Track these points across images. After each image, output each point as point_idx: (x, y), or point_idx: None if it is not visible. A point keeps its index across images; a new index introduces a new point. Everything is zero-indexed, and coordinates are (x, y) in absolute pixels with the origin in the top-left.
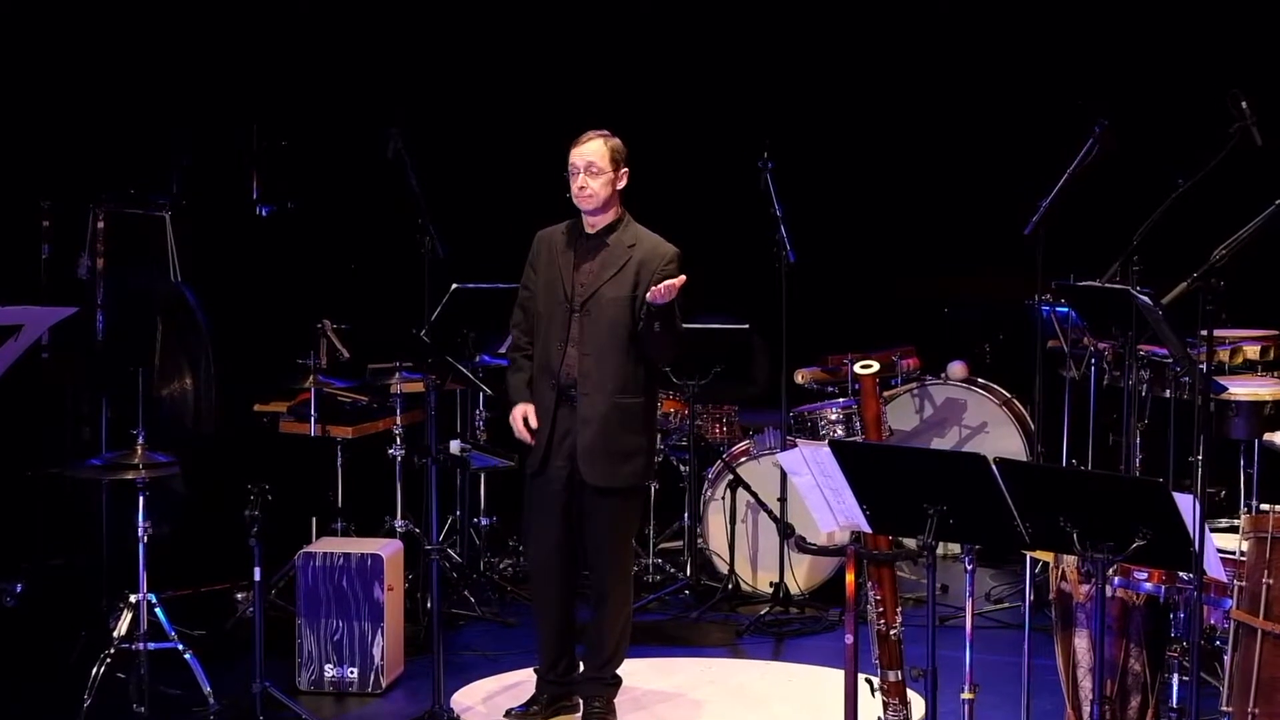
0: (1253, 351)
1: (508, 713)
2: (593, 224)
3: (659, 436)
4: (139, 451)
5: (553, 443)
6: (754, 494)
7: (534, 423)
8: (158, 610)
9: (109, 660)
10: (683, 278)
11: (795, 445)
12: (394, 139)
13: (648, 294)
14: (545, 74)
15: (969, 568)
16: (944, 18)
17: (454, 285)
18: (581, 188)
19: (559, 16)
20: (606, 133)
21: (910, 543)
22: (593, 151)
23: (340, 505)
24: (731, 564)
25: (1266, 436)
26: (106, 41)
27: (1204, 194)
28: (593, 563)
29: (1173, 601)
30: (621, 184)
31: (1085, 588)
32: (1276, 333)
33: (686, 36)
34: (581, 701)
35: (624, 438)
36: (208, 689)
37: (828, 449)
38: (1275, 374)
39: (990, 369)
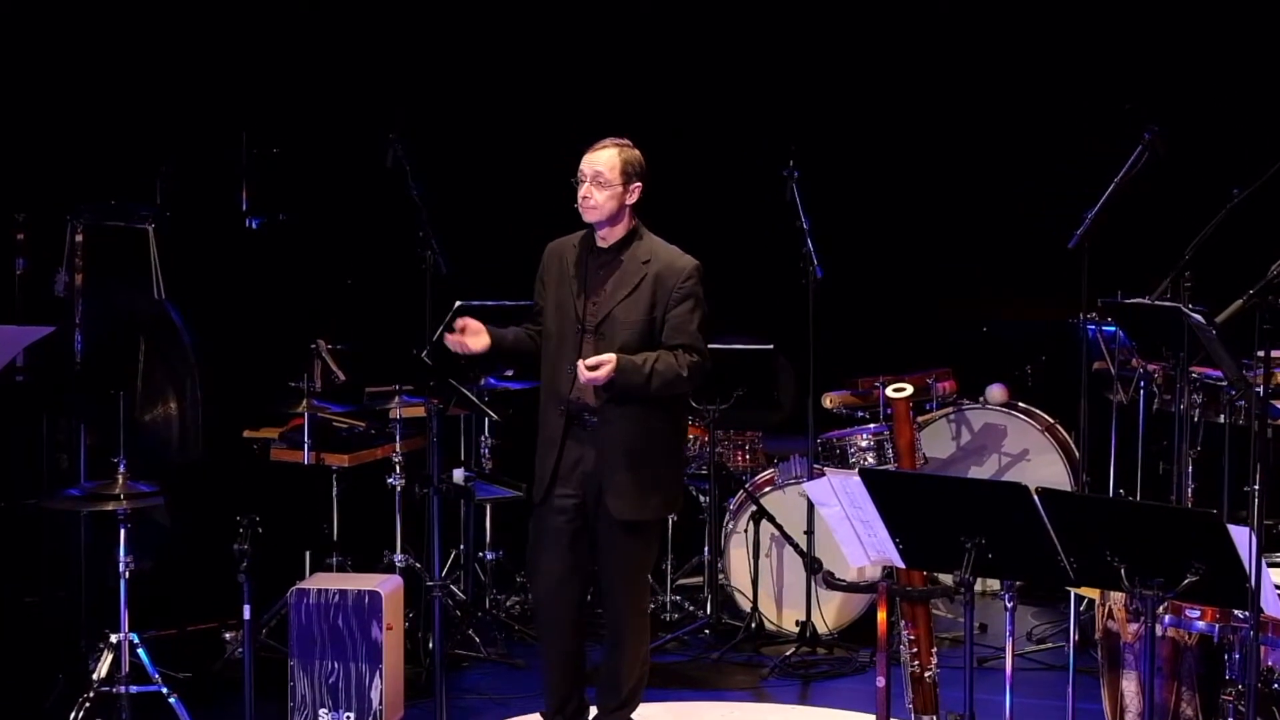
0: None
1: None
2: (604, 238)
3: None
4: (120, 481)
5: (559, 471)
6: (779, 526)
7: (469, 338)
8: (140, 651)
9: (88, 705)
10: (607, 365)
11: (823, 474)
12: (393, 145)
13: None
14: (556, 75)
15: (1009, 605)
16: (984, 17)
17: (458, 303)
18: (585, 197)
19: (571, 14)
20: (626, 142)
21: (946, 579)
22: (602, 160)
23: (336, 538)
24: (755, 601)
25: None
26: (85, 42)
27: (1261, 205)
28: (608, 599)
29: (1227, 641)
30: (632, 199)
31: (1134, 627)
32: None
33: (706, 35)
34: None
35: (651, 467)
36: None
37: (858, 478)
38: None
39: (1032, 392)
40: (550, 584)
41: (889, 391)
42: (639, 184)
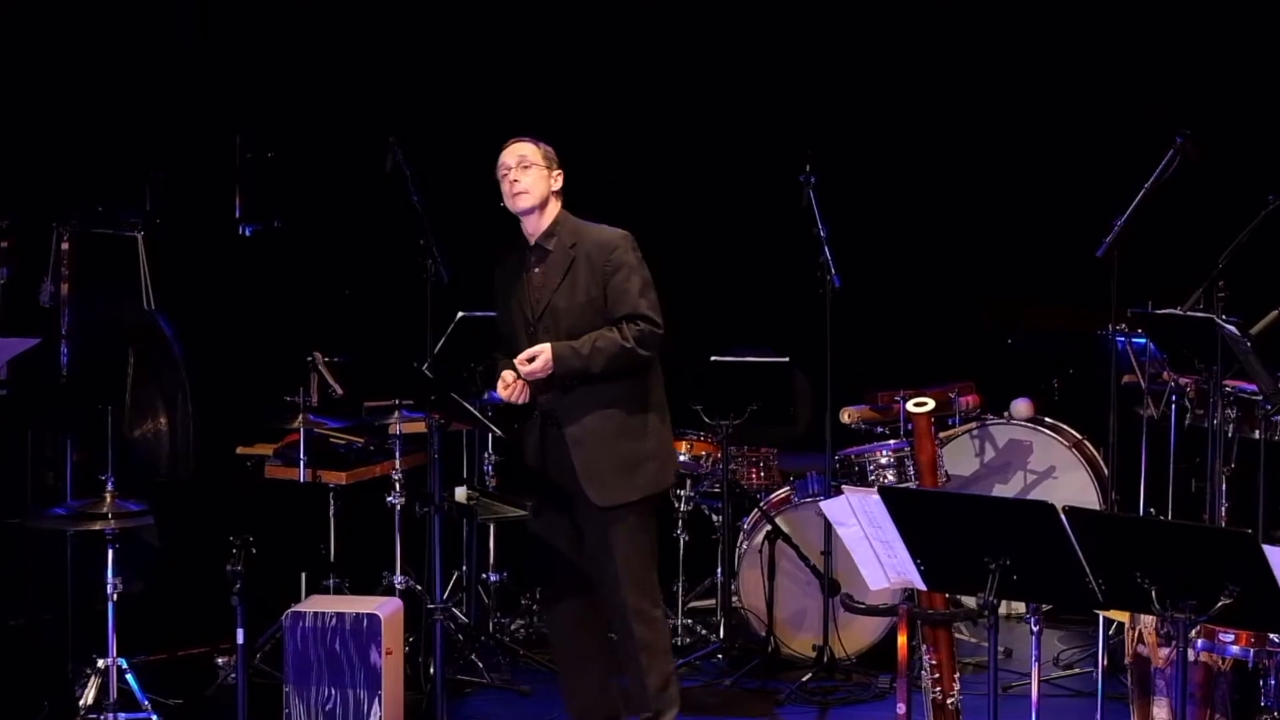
0: None
1: None
2: (531, 232)
3: (688, 482)
4: (108, 499)
5: (545, 474)
6: (795, 547)
7: (513, 381)
8: (129, 676)
9: None
10: (541, 358)
11: (841, 492)
12: (393, 149)
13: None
14: (563, 78)
15: (1035, 629)
16: (1010, 16)
17: (460, 314)
18: (514, 182)
19: (580, 17)
20: (534, 138)
21: (969, 601)
22: (524, 149)
23: (333, 559)
24: (770, 625)
25: None
26: (72, 42)
27: None
28: (612, 595)
29: (1262, 667)
30: (557, 185)
31: (1165, 651)
32: None
33: (717, 36)
34: None
35: (626, 446)
36: None
37: (877, 496)
38: None
39: (1059, 407)
40: (554, 595)
41: (910, 406)
42: (560, 172)
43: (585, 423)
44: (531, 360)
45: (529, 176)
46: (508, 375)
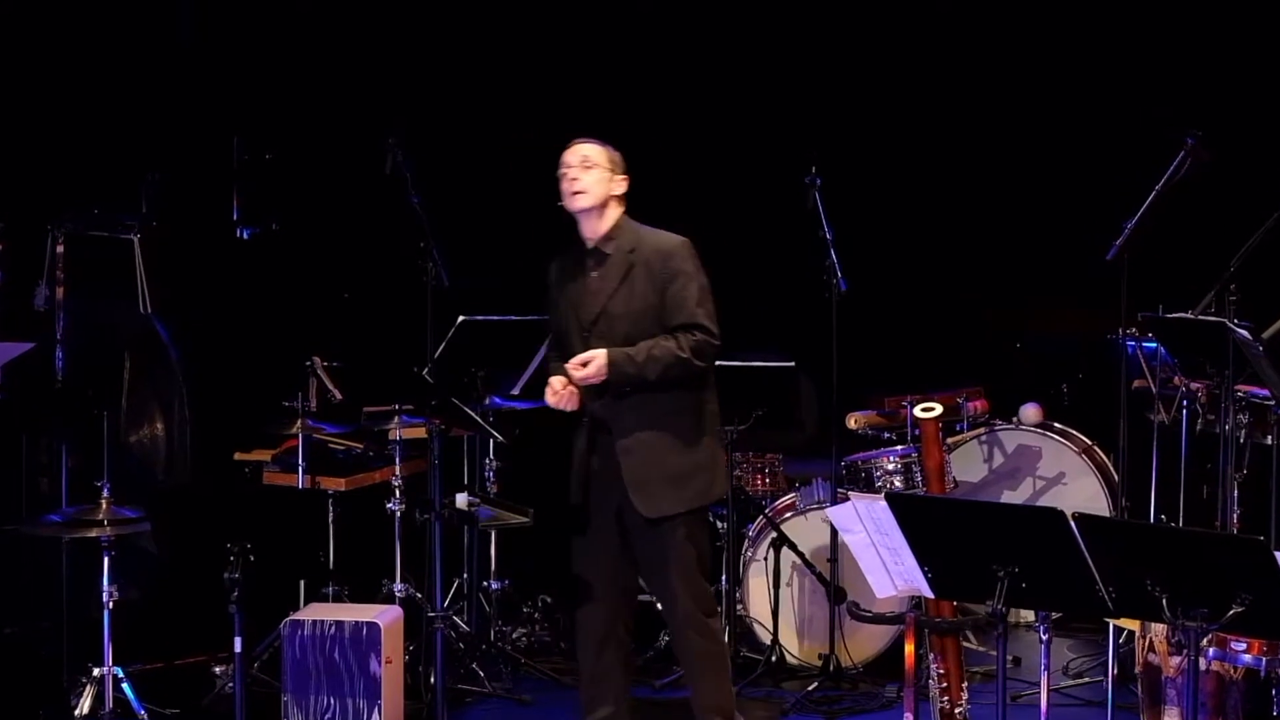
0: None
1: None
2: (590, 235)
3: None
4: (104, 506)
5: (590, 480)
6: (800, 554)
7: (561, 388)
8: (125, 686)
9: None
10: (596, 362)
11: (847, 499)
12: (392, 151)
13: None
14: (567, 78)
15: (1044, 638)
16: (1019, 17)
17: (460, 318)
18: (574, 180)
19: (584, 17)
20: (601, 141)
21: (978, 609)
22: (588, 149)
23: (332, 567)
24: (775, 633)
25: None
26: (67, 42)
27: None
28: (665, 605)
29: (1275, 676)
30: (619, 189)
31: (1176, 660)
32: None
33: (721, 35)
34: None
35: (676, 458)
36: None
37: (884, 503)
38: None
39: (1068, 412)
40: (588, 601)
41: (917, 411)
42: (625, 177)
43: (637, 433)
44: (585, 365)
45: (589, 177)
46: (556, 382)
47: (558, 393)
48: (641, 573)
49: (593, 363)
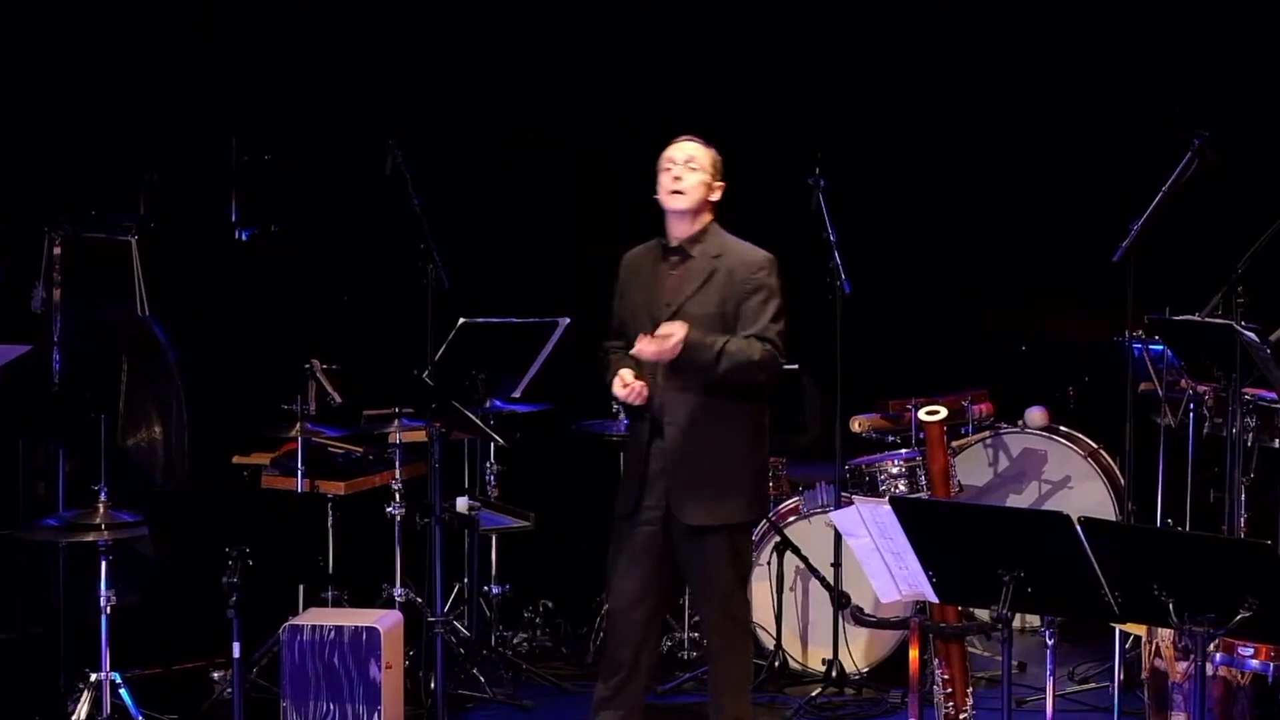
0: None
1: None
2: (676, 235)
3: None
4: (101, 510)
5: (645, 481)
6: (804, 558)
7: (632, 380)
8: (122, 691)
9: None
10: (676, 335)
11: (851, 503)
12: (393, 152)
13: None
14: (568, 77)
15: (1050, 643)
16: (1023, 16)
17: (461, 320)
18: (677, 178)
19: (584, 16)
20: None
21: (983, 614)
22: (695, 149)
23: (331, 571)
24: (778, 639)
25: None
26: (64, 41)
27: None
28: (701, 611)
29: None
30: (716, 195)
31: (1183, 666)
32: None
33: (722, 33)
34: None
35: (726, 469)
36: None
37: (888, 507)
38: None
39: (1074, 415)
40: (623, 603)
41: (922, 414)
42: (723, 185)
43: (691, 441)
44: (663, 339)
45: (692, 178)
46: (626, 374)
47: (628, 385)
48: (685, 579)
49: (673, 337)
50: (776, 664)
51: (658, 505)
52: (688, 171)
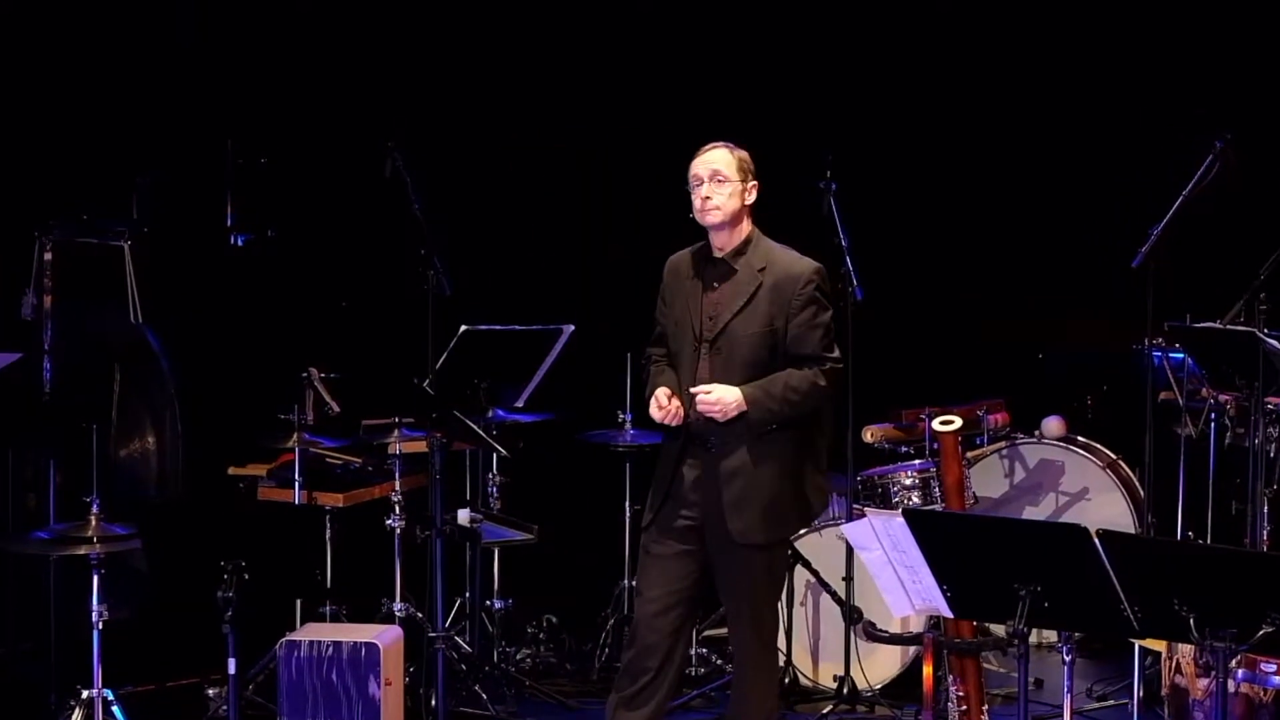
0: None
1: None
2: (720, 246)
3: None
4: (93, 522)
5: (672, 494)
6: (815, 572)
7: (668, 402)
8: (115, 708)
9: None
10: (731, 404)
11: (863, 515)
12: (392, 155)
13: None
14: (571, 79)
15: (1067, 659)
16: (1039, 16)
17: (463, 327)
18: (706, 198)
19: (589, 17)
20: (731, 144)
21: (998, 629)
22: (718, 159)
23: (329, 585)
24: (789, 655)
25: None
26: (58, 43)
27: None
28: (732, 625)
29: None
30: (751, 198)
31: (1204, 682)
32: None
33: (734, 39)
34: None
35: (779, 486)
36: None
37: (901, 519)
38: None
39: (1092, 426)
40: (649, 611)
41: (935, 424)
42: (755, 183)
43: (742, 455)
44: (712, 397)
45: (722, 192)
46: (663, 395)
47: (664, 407)
48: (719, 592)
49: (730, 402)
50: (787, 680)
51: (693, 518)
52: (715, 187)
